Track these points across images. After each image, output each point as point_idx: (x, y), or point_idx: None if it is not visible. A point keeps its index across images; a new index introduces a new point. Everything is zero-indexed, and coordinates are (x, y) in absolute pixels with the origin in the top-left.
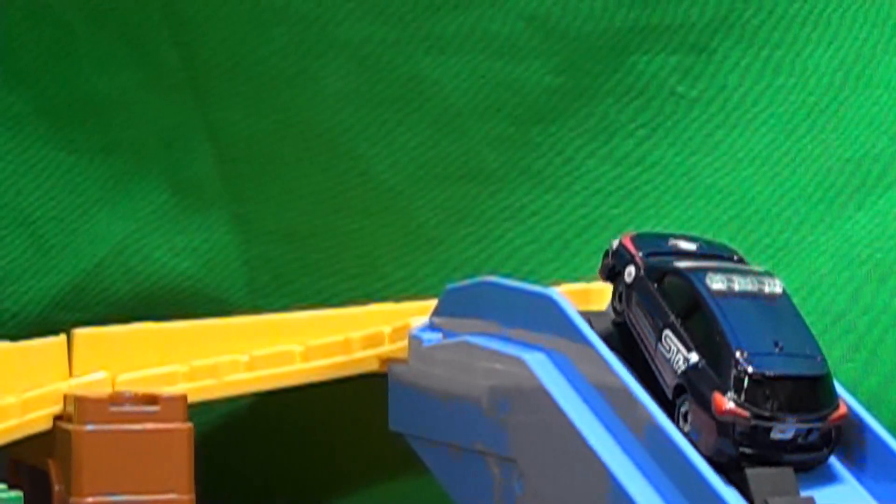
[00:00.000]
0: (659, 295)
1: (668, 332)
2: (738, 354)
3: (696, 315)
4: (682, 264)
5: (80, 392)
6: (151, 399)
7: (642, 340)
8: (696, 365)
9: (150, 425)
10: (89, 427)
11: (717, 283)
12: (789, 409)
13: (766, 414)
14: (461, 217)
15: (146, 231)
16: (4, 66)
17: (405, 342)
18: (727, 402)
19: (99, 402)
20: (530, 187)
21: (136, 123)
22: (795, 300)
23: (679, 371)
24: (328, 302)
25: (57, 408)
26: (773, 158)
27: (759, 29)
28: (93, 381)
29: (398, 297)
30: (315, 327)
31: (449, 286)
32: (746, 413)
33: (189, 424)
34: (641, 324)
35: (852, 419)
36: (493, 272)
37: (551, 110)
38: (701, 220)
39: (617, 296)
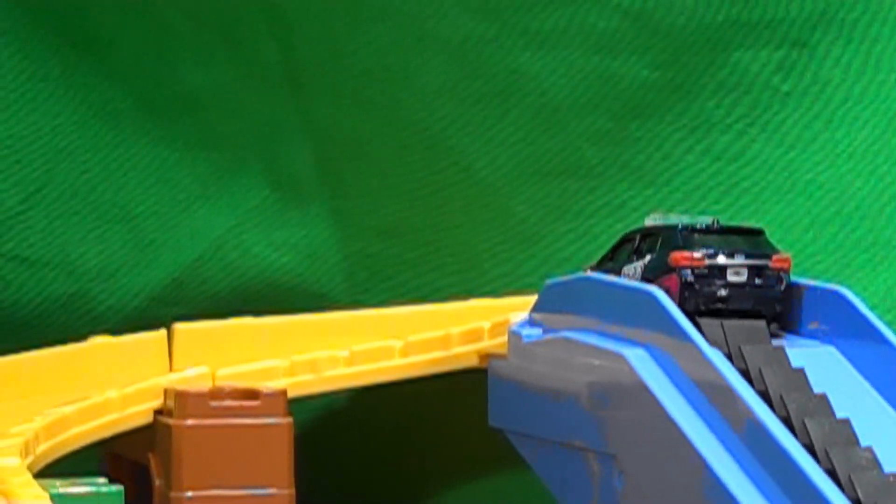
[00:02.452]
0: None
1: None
2: (680, 227)
3: (646, 240)
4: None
5: (180, 387)
6: (252, 394)
7: None
8: (651, 259)
9: (250, 420)
10: (190, 422)
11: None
12: (736, 251)
13: (717, 254)
14: (560, 212)
15: (245, 226)
16: (105, 62)
17: (505, 338)
18: (681, 254)
19: (199, 397)
20: (629, 182)
21: (234, 119)
22: None
23: (640, 270)
24: (427, 297)
25: (157, 402)
26: (872, 153)
27: (857, 24)
28: (193, 375)
29: (497, 293)
30: (414, 323)
31: (548, 281)
32: (700, 256)
33: (289, 419)
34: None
35: (834, 295)
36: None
37: (649, 105)
38: (801, 217)
39: None
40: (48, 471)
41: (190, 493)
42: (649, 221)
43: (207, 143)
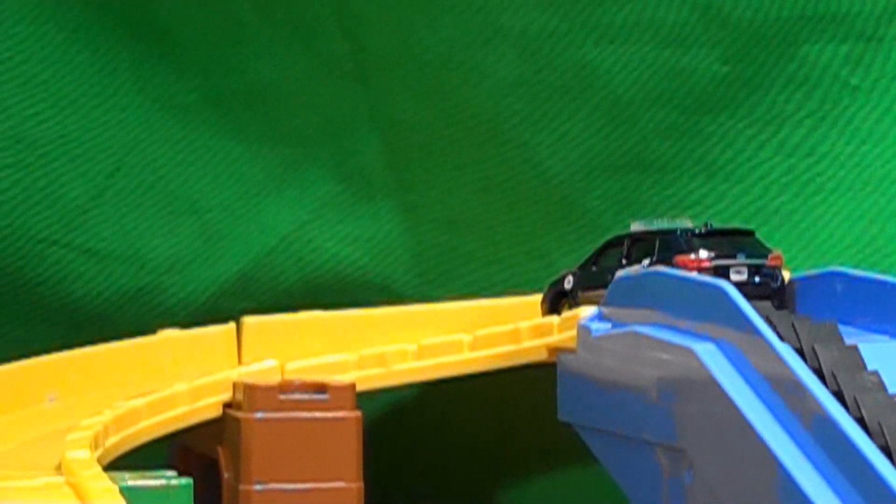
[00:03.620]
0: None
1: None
2: (679, 231)
3: (638, 245)
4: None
5: (249, 380)
6: (321, 387)
7: None
8: (650, 263)
9: (319, 413)
10: (259, 415)
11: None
12: (735, 251)
13: (721, 256)
14: (629, 206)
15: (314, 220)
16: (173, 56)
17: (574, 332)
18: (687, 257)
19: (268, 390)
20: (699, 177)
21: (303, 112)
22: None
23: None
24: (497, 292)
25: (226, 395)
26: None
27: None
28: (262, 369)
29: None
30: (483, 316)
31: (618, 275)
32: (706, 258)
33: (358, 412)
34: None
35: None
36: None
37: (720, 100)
38: (871, 211)
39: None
40: (117, 463)
41: (259, 487)
42: (636, 227)
43: (276, 137)
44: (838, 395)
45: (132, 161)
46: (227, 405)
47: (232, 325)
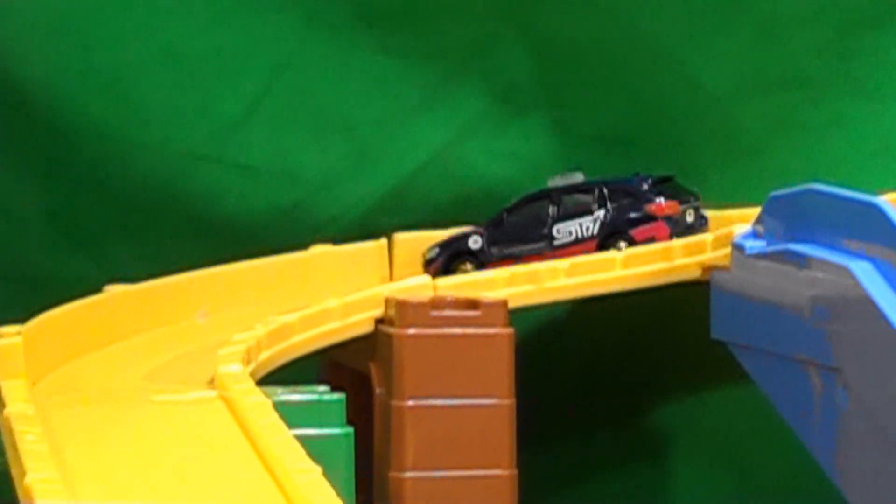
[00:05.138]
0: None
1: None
2: (635, 182)
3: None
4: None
5: (401, 296)
6: (472, 304)
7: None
8: (612, 213)
9: (471, 330)
10: (411, 331)
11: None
12: (678, 195)
13: (683, 200)
14: (784, 125)
15: (466, 136)
16: None
17: (727, 250)
18: (665, 204)
19: (420, 307)
20: (854, 95)
21: (455, 29)
22: None
23: (598, 224)
24: None
25: (378, 311)
26: None
27: None
28: (414, 285)
29: (720, 205)
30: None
31: (772, 193)
32: (675, 204)
33: (510, 329)
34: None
35: None
36: (815, 180)
37: (875, 17)
38: None
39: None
40: (269, 378)
41: (411, 402)
42: (555, 181)
43: (428, 53)
44: None
45: (285, 78)
46: (378, 321)
47: (384, 241)
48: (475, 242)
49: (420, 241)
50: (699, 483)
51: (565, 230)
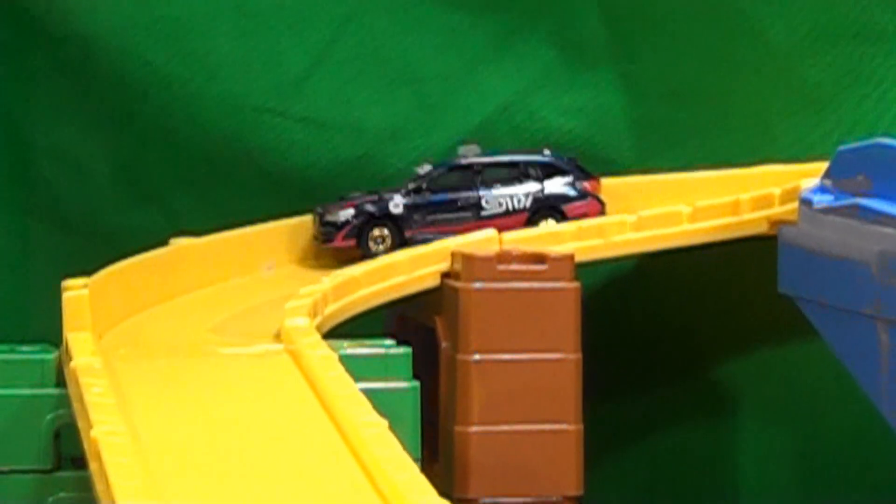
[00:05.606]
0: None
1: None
2: (566, 158)
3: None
4: None
5: (467, 250)
6: (539, 258)
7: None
8: (542, 189)
9: (537, 284)
10: (477, 285)
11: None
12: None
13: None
14: (854, 78)
15: (532, 89)
16: None
17: (795, 204)
18: (595, 182)
19: (487, 260)
20: None
21: None
22: None
23: (530, 198)
24: (717, 163)
25: (444, 265)
26: None
27: None
28: (480, 238)
29: (788, 159)
30: (703, 188)
31: (841, 148)
32: (597, 178)
33: (577, 283)
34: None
35: None
36: (885, 134)
37: None
38: None
39: None
40: (336, 332)
41: (477, 356)
42: (466, 151)
43: (495, 6)
44: None
45: (351, 30)
46: (444, 275)
47: None
48: (396, 207)
49: None
50: (764, 438)
51: (495, 202)
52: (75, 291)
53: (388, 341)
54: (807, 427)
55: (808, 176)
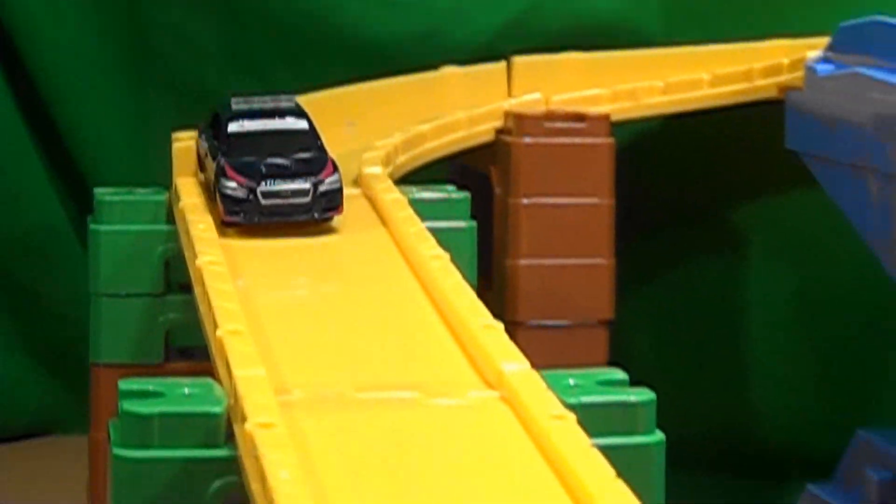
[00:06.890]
0: None
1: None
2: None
3: None
4: None
5: (518, 110)
6: (579, 117)
7: None
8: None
9: (577, 139)
10: (526, 139)
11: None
12: None
13: None
14: None
15: None
16: None
17: (801, 73)
18: None
19: (535, 119)
20: None
21: None
22: None
23: None
24: (734, 36)
25: (498, 123)
26: None
27: None
28: (529, 100)
29: (796, 34)
30: (722, 59)
31: (842, 24)
32: None
33: (611, 139)
34: None
35: None
36: (885, 13)
37: None
38: None
39: None
40: (406, 178)
41: (525, 200)
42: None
43: None
44: None
45: None
46: (499, 131)
47: (503, 64)
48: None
49: (535, 63)
50: (771, 272)
51: None
52: (183, 142)
53: (450, 187)
54: (807, 266)
55: (814, 48)
